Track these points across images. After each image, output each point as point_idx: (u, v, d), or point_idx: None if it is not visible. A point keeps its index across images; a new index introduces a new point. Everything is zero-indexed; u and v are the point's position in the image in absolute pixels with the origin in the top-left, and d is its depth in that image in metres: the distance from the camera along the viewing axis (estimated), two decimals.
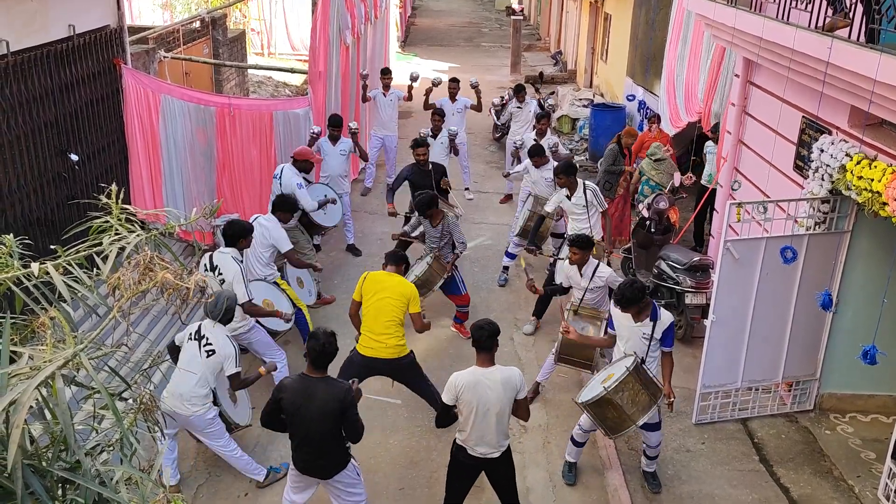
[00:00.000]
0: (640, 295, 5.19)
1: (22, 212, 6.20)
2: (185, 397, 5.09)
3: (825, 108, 5.69)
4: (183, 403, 5.09)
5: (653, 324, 5.28)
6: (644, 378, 5.12)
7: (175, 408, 5.09)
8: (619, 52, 14.76)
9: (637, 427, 5.18)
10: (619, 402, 5.02)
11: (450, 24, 31.54)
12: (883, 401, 6.40)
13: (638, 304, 5.21)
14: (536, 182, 8.51)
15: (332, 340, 4.48)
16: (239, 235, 6.03)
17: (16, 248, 2.06)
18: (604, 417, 5.15)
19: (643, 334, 5.30)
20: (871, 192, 5.04)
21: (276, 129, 8.48)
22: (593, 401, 5.07)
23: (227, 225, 6.17)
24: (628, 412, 5.04)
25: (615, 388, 4.99)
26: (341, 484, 4.68)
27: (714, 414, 6.35)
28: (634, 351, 5.28)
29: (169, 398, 5.12)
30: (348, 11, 10.56)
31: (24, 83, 6.16)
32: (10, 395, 1.61)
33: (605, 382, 5.12)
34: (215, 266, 5.96)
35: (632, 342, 5.36)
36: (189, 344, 5.18)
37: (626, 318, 5.35)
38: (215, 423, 5.28)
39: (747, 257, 5.90)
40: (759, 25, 6.04)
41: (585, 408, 5.18)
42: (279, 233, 6.78)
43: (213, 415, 5.26)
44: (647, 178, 8.97)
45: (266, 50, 19.45)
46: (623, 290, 5.22)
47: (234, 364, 5.15)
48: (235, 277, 5.86)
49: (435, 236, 7.47)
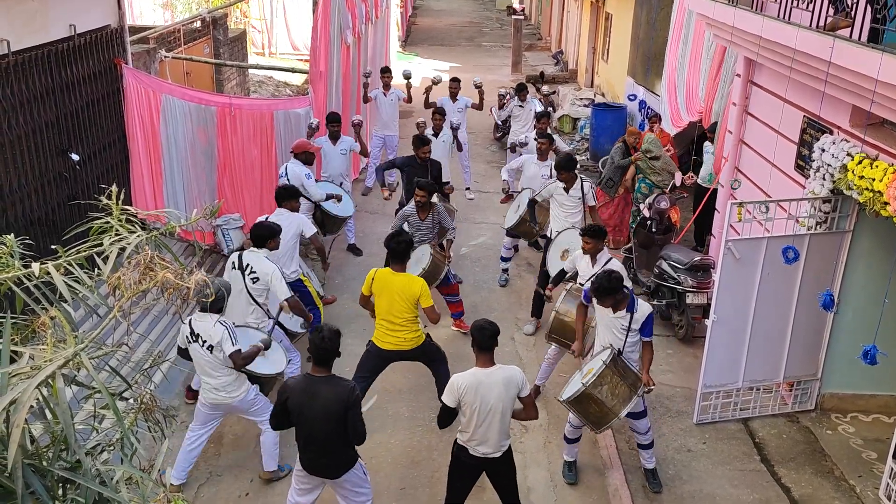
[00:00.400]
0: (616, 285, 5.21)
1: (23, 212, 6.20)
2: (218, 388, 5.25)
3: (827, 108, 5.69)
4: (219, 394, 5.26)
5: (630, 315, 5.30)
6: (622, 370, 5.19)
7: (218, 399, 5.27)
8: (620, 51, 14.75)
9: (620, 419, 5.22)
10: (600, 396, 5.10)
11: (451, 23, 31.54)
12: (884, 401, 6.39)
13: (614, 296, 5.23)
14: (532, 178, 8.45)
15: (334, 336, 4.45)
16: (267, 236, 6.02)
17: (16, 248, 2.06)
18: (587, 413, 5.21)
19: (621, 325, 5.33)
20: (872, 192, 5.03)
21: (276, 129, 8.48)
22: (574, 397, 5.15)
23: (256, 226, 6.15)
24: (609, 405, 5.11)
25: (593, 382, 5.07)
26: (349, 483, 4.68)
27: (715, 414, 6.35)
28: (611, 343, 5.34)
29: (208, 394, 5.28)
30: (349, 11, 10.56)
31: (25, 83, 6.16)
32: (11, 395, 1.61)
33: (584, 378, 5.20)
34: (246, 265, 5.93)
35: (609, 332, 5.41)
36: (192, 346, 5.24)
37: (605, 308, 5.38)
38: (257, 401, 5.45)
39: (748, 257, 5.90)
40: (761, 25, 6.03)
41: (568, 405, 5.26)
42: (300, 219, 6.85)
43: (254, 394, 5.42)
44: (643, 176, 8.96)
45: (267, 49, 19.46)
46: (600, 281, 5.23)
47: (230, 343, 5.12)
48: (275, 275, 5.88)
49: (426, 228, 7.41)
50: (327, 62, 9.34)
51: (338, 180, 8.72)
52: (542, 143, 8.47)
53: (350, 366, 6.06)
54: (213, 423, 5.52)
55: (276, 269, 5.94)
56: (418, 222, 7.40)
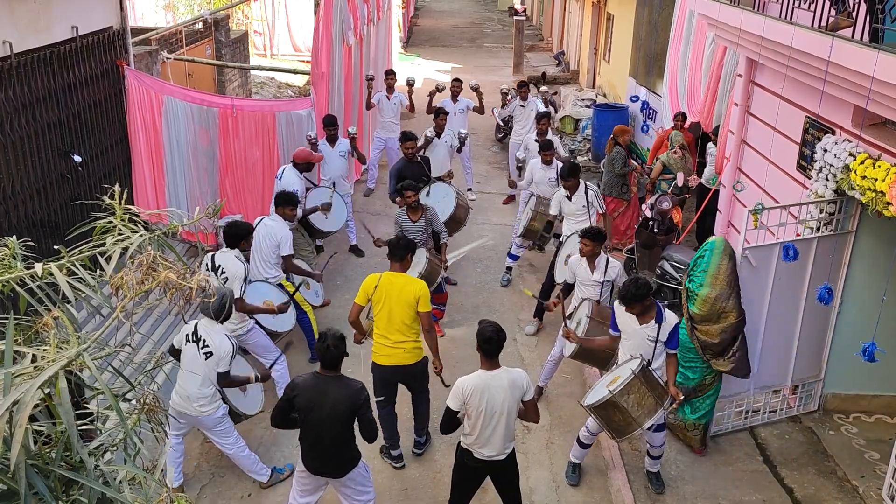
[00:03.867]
0: (644, 292, 5.07)
1: (25, 213, 6.21)
2: (192, 398, 5.13)
3: (828, 108, 5.68)
4: (191, 404, 5.14)
5: (658, 326, 5.18)
6: (650, 381, 5.04)
7: (184, 409, 5.15)
8: (621, 52, 14.75)
9: (643, 430, 5.13)
10: (625, 406, 4.95)
11: (452, 24, 31.55)
12: (887, 401, 6.38)
13: (642, 302, 5.10)
14: (539, 182, 8.49)
15: (338, 343, 4.47)
16: (240, 236, 6.04)
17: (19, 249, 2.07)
18: (609, 420, 5.09)
19: (648, 336, 5.21)
20: (874, 192, 5.03)
21: (278, 130, 8.49)
22: (598, 404, 5.03)
23: (228, 226, 6.17)
24: (634, 415, 4.97)
25: (620, 391, 4.93)
26: (353, 482, 4.68)
27: (728, 424, 6.24)
28: (640, 353, 5.23)
29: (177, 399, 5.18)
30: (351, 12, 10.57)
31: (28, 84, 6.17)
32: (14, 395, 1.61)
33: (610, 385, 5.05)
34: (217, 266, 5.97)
35: (636, 344, 5.28)
36: (188, 346, 5.19)
37: (631, 320, 5.26)
38: (224, 421, 5.33)
39: (762, 264, 5.82)
40: (762, 25, 6.03)
41: (591, 411, 5.14)
42: (285, 232, 6.78)
43: (222, 413, 5.30)
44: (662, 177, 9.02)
45: (268, 51, 19.47)
46: (628, 287, 5.12)
47: (226, 363, 5.12)
48: (236, 274, 5.87)
49: (418, 230, 7.32)
50: (329, 63, 9.35)
51: (338, 183, 8.72)
52: (547, 156, 8.48)
53: (351, 367, 6.05)
54: (183, 430, 5.45)
55: (242, 270, 5.92)
56: (410, 224, 7.33)
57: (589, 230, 6.22)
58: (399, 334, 5.53)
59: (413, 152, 8.40)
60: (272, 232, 6.67)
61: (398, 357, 5.56)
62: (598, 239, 6.12)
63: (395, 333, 5.53)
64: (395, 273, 5.68)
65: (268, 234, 6.63)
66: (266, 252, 6.66)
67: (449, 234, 7.74)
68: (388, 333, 5.54)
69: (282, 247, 6.72)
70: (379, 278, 5.60)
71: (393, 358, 5.57)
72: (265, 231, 6.60)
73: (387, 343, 5.56)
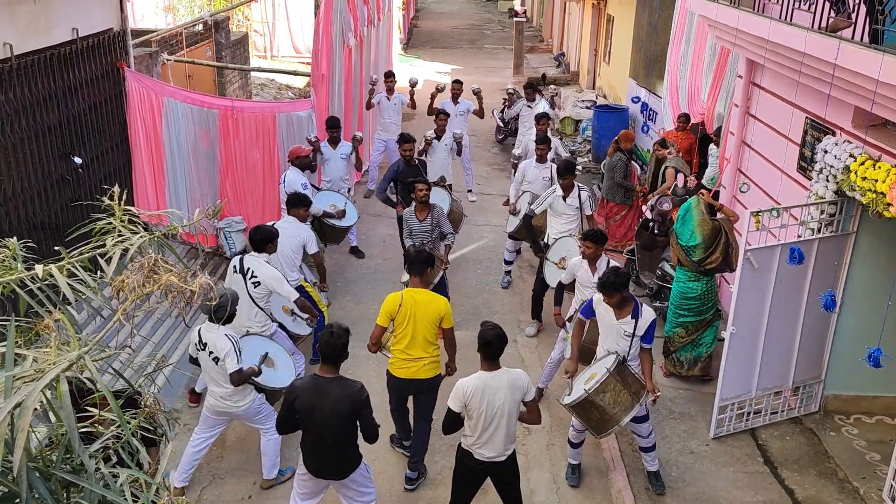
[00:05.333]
0: (624, 280, 5.16)
1: (26, 215, 6.21)
2: (225, 398, 5.28)
3: (829, 109, 5.68)
4: (225, 403, 5.29)
5: (634, 322, 5.24)
6: (626, 378, 5.12)
7: (223, 408, 5.31)
8: (621, 53, 14.75)
9: (622, 427, 5.19)
10: (601, 404, 5.04)
11: (452, 26, 31.56)
12: (888, 402, 6.38)
13: (621, 292, 5.17)
14: (533, 181, 8.44)
15: (343, 333, 4.43)
16: (267, 240, 6.01)
17: (20, 251, 2.06)
18: (588, 418, 5.18)
19: (624, 332, 5.27)
20: (875, 193, 5.03)
21: (279, 132, 8.48)
22: (576, 402, 5.11)
23: (254, 230, 6.12)
24: (611, 413, 5.05)
25: (596, 389, 5.02)
26: (354, 483, 4.67)
27: (729, 426, 6.23)
28: (616, 350, 5.27)
29: (212, 401, 5.32)
30: (351, 14, 10.57)
31: (28, 86, 6.17)
32: (15, 398, 1.61)
33: (587, 384, 5.13)
34: (247, 269, 5.93)
35: (612, 339, 5.34)
36: (201, 354, 5.25)
37: (609, 313, 5.31)
38: (263, 409, 5.47)
39: (764, 265, 5.81)
40: (763, 26, 6.03)
41: (569, 409, 5.23)
42: (307, 232, 6.81)
43: (259, 402, 5.43)
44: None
45: (269, 52, 19.48)
46: (608, 275, 5.19)
47: (232, 361, 5.11)
48: (276, 277, 5.88)
49: (424, 230, 7.27)
50: (329, 65, 9.35)
51: (338, 185, 8.71)
52: (542, 149, 8.46)
53: (352, 367, 6.06)
54: (218, 429, 5.53)
55: (277, 273, 5.94)
56: (417, 223, 7.27)
57: (591, 232, 6.22)
58: (421, 350, 5.42)
59: (411, 155, 8.38)
60: (294, 234, 6.64)
61: (416, 371, 5.46)
62: (600, 241, 6.13)
63: (417, 350, 5.41)
64: (417, 290, 5.47)
65: (291, 234, 6.58)
66: (290, 254, 6.62)
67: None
68: (410, 350, 5.43)
69: (308, 246, 6.75)
70: (401, 297, 5.40)
71: (411, 371, 5.46)
72: (289, 233, 6.56)
73: (407, 358, 5.45)
